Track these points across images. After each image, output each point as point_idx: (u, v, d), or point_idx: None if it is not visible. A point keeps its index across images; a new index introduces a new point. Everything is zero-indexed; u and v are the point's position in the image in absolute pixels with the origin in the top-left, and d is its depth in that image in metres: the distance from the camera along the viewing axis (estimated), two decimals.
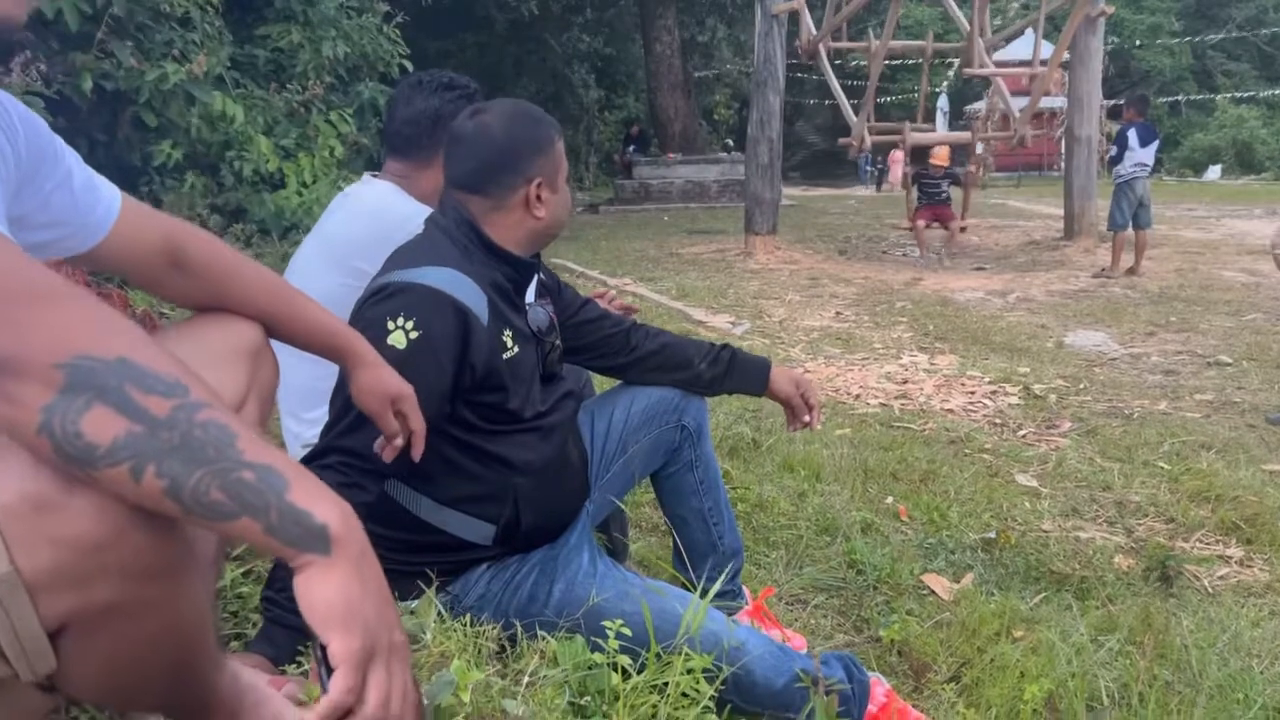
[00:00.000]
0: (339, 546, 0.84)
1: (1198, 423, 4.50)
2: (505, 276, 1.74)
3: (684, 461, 2.10)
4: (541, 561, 1.76)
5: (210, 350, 1.29)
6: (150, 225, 1.25)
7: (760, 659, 1.65)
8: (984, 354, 5.85)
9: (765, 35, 9.83)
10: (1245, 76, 30.72)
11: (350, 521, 0.87)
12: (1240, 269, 8.99)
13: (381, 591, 0.89)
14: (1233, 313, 7.08)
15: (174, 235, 1.27)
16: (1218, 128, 27.94)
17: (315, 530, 0.84)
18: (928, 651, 2.20)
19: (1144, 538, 3.25)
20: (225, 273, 1.31)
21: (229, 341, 1.31)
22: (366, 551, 0.88)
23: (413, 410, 1.47)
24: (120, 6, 5.55)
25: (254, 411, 1.34)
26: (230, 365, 1.30)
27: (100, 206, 1.20)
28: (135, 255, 1.25)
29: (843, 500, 3.38)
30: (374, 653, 0.85)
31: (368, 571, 0.87)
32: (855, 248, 11.28)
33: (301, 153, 7.01)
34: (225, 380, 1.29)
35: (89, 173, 1.20)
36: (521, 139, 1.73)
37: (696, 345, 2.15)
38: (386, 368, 1.45)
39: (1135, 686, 2.11)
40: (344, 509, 0.87)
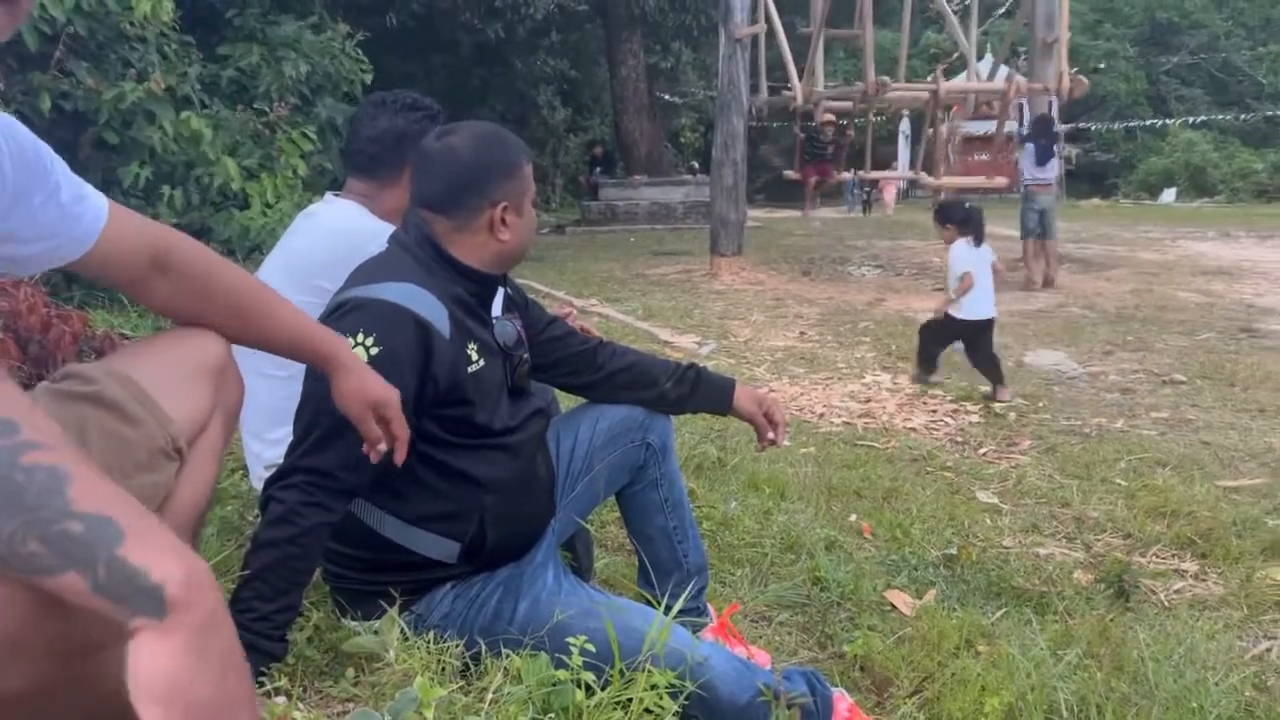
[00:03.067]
0: (176, 611, 0.74)
1: (1154, 440, 4.58)
2: (467, 291, 1.75)
3: (649, 479, 2.12)
4: (506, 580, 1.77)
5: (174, 368, 1.30)
6: (136, 232, 1.26)
7: (724, 675, 1.66)
8: (945, 373, 5.91)
9: (729, 59, 9.93)
10: (1198, 102, 31.35)
11: (197, 582, 0.77)
12: (1195, 290, 9.17)
13: (229, 667, 0.78)
14: (1187, 332, 7.22)
15: (159, 239, 1.28)
16: (1171, 151, 28.48)
17: (148, 590, 0.74)
18: (890, 666, 2.23)
19: (1102, 553, 3.30)
20: (207, 275, 1.32)
21: (193, 359, 1.32)
22: (215, 619, 0.77)
23: (396, 416, 1.48)
24: (80, 25, 5.52)
25: (218, 429, 1.34)
26: (194, 383, 1.31)
27: (88, 216, 1.21)
28: (122, 262, 1.25)
29: (807, 518, 3.41)
30: None
31: (212, 643, 0.76)
32: (819, 269, 11.37)
33: (264, 173, 6.99)
34: (189, 399, 1.30)
35: (76, 182, 1.21)
36: (489, 162, 1.75)
37: (663, 364, 2.17)
38: (370, 373, 1.46)
39: (1093, 699, 2.14)
40: (191, 568, 0.77)
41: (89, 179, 1.27)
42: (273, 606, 1.54)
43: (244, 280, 1.37)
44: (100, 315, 3.86)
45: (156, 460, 1.24)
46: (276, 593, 1.54)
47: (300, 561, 1.57)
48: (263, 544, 1.55)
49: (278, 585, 1.54)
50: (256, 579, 1.54)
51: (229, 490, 2.43)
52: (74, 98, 5.71)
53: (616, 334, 6.94)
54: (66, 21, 5.49)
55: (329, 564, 1.80)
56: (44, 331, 2.44)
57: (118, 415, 1.22)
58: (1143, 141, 30.54)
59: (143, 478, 1.23)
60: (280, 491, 1.58)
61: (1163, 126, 29.48)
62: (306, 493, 1.56)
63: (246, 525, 2.28)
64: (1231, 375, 5.81)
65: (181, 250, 1.30)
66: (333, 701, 1.44)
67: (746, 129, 10.57)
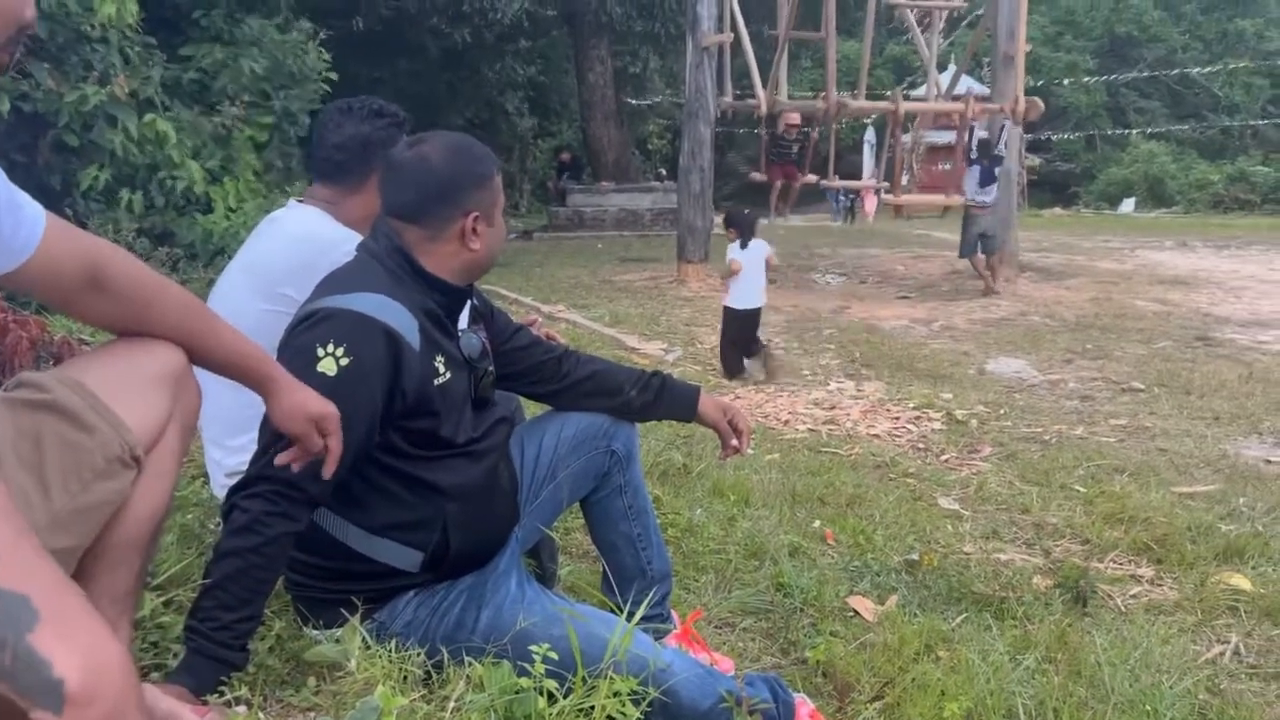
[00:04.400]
0: (74, 708, 0.70)
1: (1112, 447, 4.65)
2: (437, 303, 1.75)
3: (613, 486, 2.12)
4: (470, 588, 1.76)
5: (130, 376, 1.29)
6: (73, 247, 1.23)
7: (686, 681, 1.67)
8: (908, 380, 5.98)
9: (696, 67, 9.98)
10: (1156, 114, 31.92)
11: (100, 678, 0.72)
12: (1152, 299, 9.33)
13: None
14: (1145, 341, 7.34)
15: (96, 256, 1.25)
16: (1130, 162, 28.97)
17: (49, 684, 0.70)
18: (851, 672, 2.24)
19: (1060, 559, 3.35)
20: (146, 295, 1.30)
21: (151, 367, 1.30)
22: (118, 715, 0.72)
23: (335, 430, 1.47)
24: (41, 27, 5.45)
25: (176, 437, 1.33)
26: (151, 391, 1.29)
27: (24, 229, 1.17)
28: (57, 278, 1.22)
29: (771, 524, 3.42)
30: None
31: None
32: (785, 276, 11.42)
33: (227, 176, 6.93)
34: (146, 406, 1.28)
35: (12, 191, 1.16)
36: (461, 172, 1.75)
37: (627, 372, 2.18)
38: (306, 390, 1.45)
39: (1050, 703, 2.18)
40: (97, 661, 0.72)
41: (48, 182, 1.24)
42: (234, 616, 1.52)
43: (183, 299, 1.35)
44: (59, 321, 3.80)
45: (114, 468, 1.22)
46: (239, 602, 1.53)
47: (263, 571, 1.56)
48: (226, 553, 1.54)
49: (240, 595, 1.53)
50: (218, 588, 1.52)
51: (189, 498, 2.41)
52: (33, 99, 5.62)
53: (583, 341, 6.95)
54: None
55: (291, 572, 1.78)
56: (0, 337, 2.41)
57: (73, 423, 1.20)
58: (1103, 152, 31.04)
59: (100, 485, 1.22)
60: (245, 500, 1.57)
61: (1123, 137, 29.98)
62: (271, 502, 1.55)
63: (207, 534, 2.26)
64: (1188, 383, 5.92)
65: (119, 267, 1.27)
66: (294, 711, 1.43)
67: (714, 136, 10.63)
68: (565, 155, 22.67)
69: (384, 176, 1.77)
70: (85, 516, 1.19)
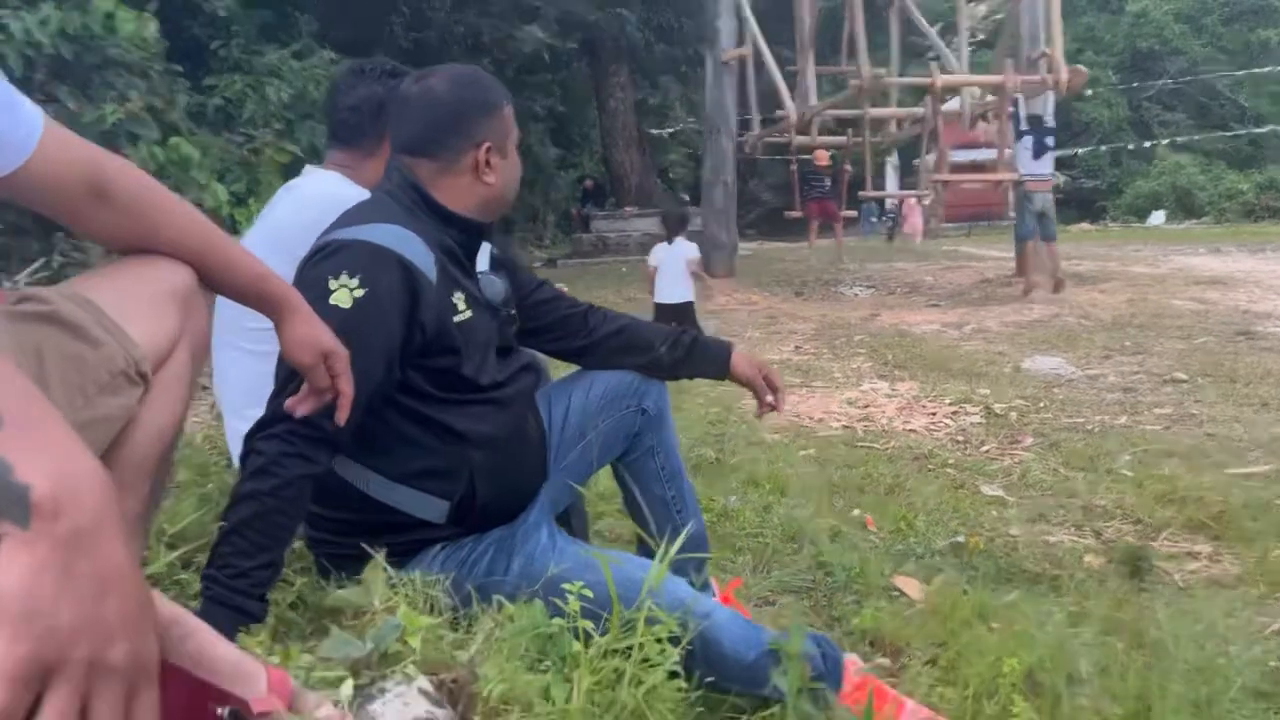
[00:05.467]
0: (41, 519, 0.62)
1: (1158, 434, 4.51)
2: (454, 240, 1.69)
3: (645, 448, 2.04)
4: (498, 540, 1.68)
5: (136, 292, 1.22)
6: (74, 152, 1.17)
7: (727, 628, 1.58)
8: (943, 379, 5.86)
9: (716, 83, 9.98)
10: (1181, 126, 31.66)
11: (72, 487, 0.64)
12: (1189, 298, 9.14)
13: (110, 591, 0.64)
14: (1184, 337, 7.18)
15: (99, 164, 1.19)
16: (1158, 175, 28.71)
17: (12, 493, 0.62)
18: (902, 637, 2.14)
19: (1112, 539, 3.22)
20: (153, 208, 1.23)
21: (158, 283, 1.24)
22: (93, 534, 0.64)
23: (344, 370, 1.38)
24: (66, 50, 5.50)
25: (185, 357, 1.26)
26: (159, 307, 1.23)
27: (22, 127, 1.11)
28: (57, 184, 1.16)
29: (808, 512, 3.32)
30: (56, 669, 0.59)
31: (84, 561, 0.63)
32: (812, 290, 11.35)
33: (253, 198, 6.96)
34: (153, 323, 1.22)
35: (9, 89, 1.11)
36: (469, 101, 1.69)
37: (656, 329, 2.10)
38: (320, 322, 1.37)
39: (1115, 668, 2.06)
40: (68, 470, 0.64)
41: None
42: (252, 563, 1.45)
43: (192, 215, 1.29)
44: None
45: (118, 383, 1.16)
46: (257, 548, 1.45)
47: (281, 515, 1.48)
48: (242, 497, 1.47)
49: (258, 541, 1.45)
50: (235, 533, 1.45)
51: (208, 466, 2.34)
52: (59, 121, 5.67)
53: None
54: (52, 45, 5.47)
55: (313, 529, 1.71)
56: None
57: (77, 336, 1.14)
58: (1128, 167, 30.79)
59: (105, 400, 1.15)
60: (261, 442, 1.50)
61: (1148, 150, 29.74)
62: (288, 442, 1.48)
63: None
64: (1232, 373, 5.75)
65: (123, 177, 1.21)
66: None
67: (736, 151, 10.60)
68: (589, 182, 22.76)
69: (392, 113, 1.72)
70: (89, 433, 1.12)
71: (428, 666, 1.09)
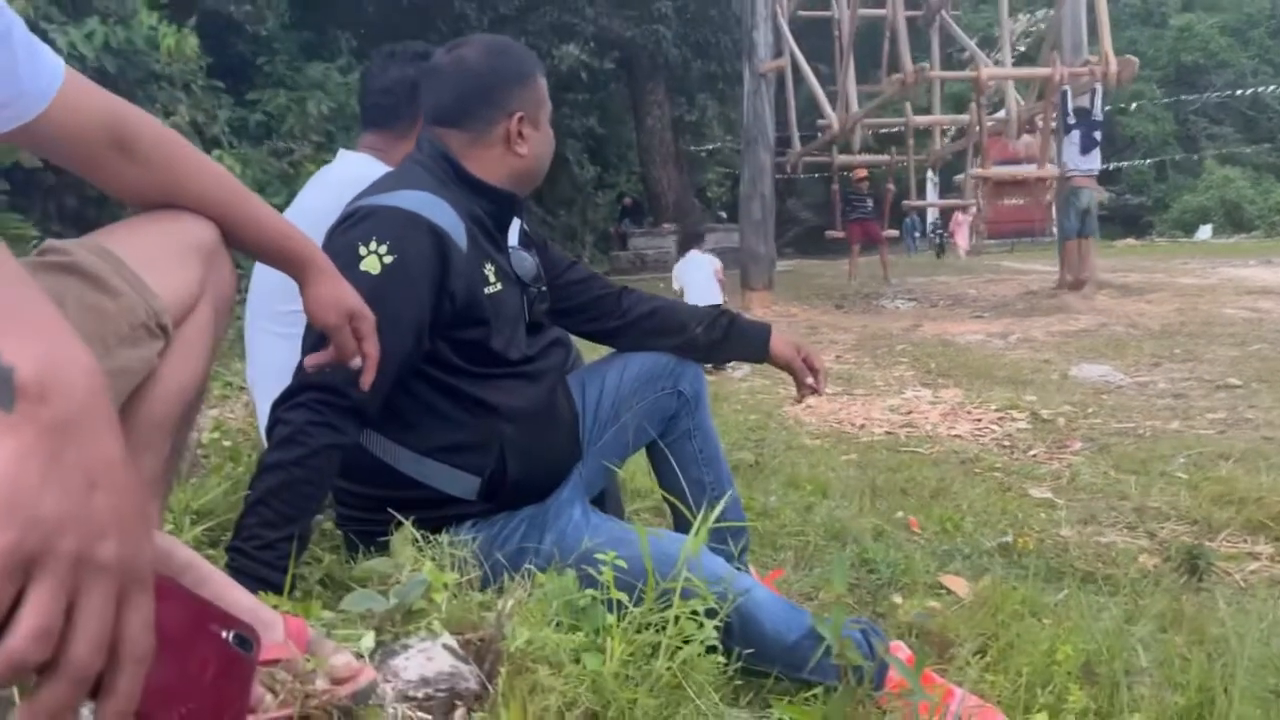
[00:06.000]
0: (27, 402, 0.57)
1: (1212, 438, 4.37)
2: (485, 210, 1.65)
3: (681, 430, 1.98)
4: (530, 516, 1.64)
5: (159, 244, 1.20)
6: (96, 101, 1.15)
7: (767, 607, 1.52)
8: (988, 386, 5.74)
9: (754, 94, 9.94)
10: (1229, 139, 31.16)
11: (64, 374, 0.59)
12: (1241, 307, 8.92)
13: (98, 484, 0.59)
14: (1237, 344, 6.99)
15: (120, 115, 1.17)
16: (1205, 189, 28.25)
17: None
18: (949, 629, 2.06)
19: (1167, 540, 3.11)
20: (177, 161, 1.21)
21: (180, 237, 1.21)
22: (80, 420, 0.59)
23: (370, 333, 1.34)
24: (110, 63, 5.59)
25: (208, 313, 1.23)
26: (181, 261, 1.20)
27: (44, 73, 1.09)
28: (78, 134, 1.13)
29: (851, 513, 3.24)
30: (39, 561, 0.55)
31: (72, 450, 0.58)
32: (852, 303, 11.24)
33: None
34: (175, 276, 1.19)
35: (30, 36, 1.09)
36: (501, 70, 1.66)
37: (692, 309, 2.06)
38: (345, 282, 1.33)
39: (1175, 661, 1.97)
40: (57, 354, 0.59)
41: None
42: (278, 534, 1.41)
43: (216, 170, 1.26)
44: None
45: (139, 335, 1.13)
46: (282, 519, 1.41)
47: (308, 485, 1.44)
48: (269, 466, 1.43)
49: (284, 511, 1.42)
50: (261, 503, 1.42)
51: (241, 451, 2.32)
52: None
53: None
54: (96, 60, 5.55)
55: (341, 506, 1.68)
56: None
57: (96, 286, 1.11)
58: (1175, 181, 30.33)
59: (124, 351, 1.12)
60: (287, 412, 1.47)
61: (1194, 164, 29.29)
62: (315, 411, 1.45)
63: None
64: None
65: (145, 128, 1.18)
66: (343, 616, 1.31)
67: (774, 167, 10.55)
68: (627, 200, 22.81)
69: (423, 84, 1.69)
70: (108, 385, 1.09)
71: (454, 626, 1.04)
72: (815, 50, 13.97)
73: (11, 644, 0.52)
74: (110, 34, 5.51)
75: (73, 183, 5.60)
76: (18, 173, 4.81)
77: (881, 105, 10.27)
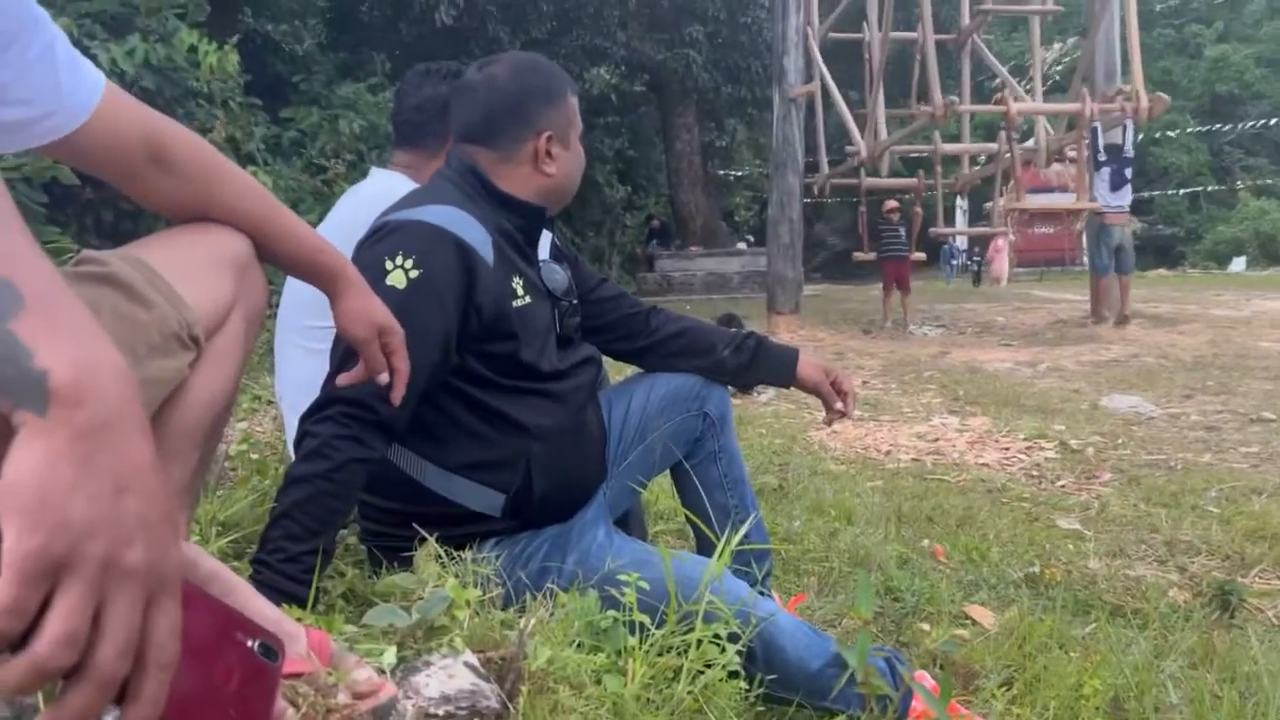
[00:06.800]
0: (60, 406, 0.57)
1: (1245, 472, 4.31)
2: (514, 225, 1.66)
3: (706, 452, 1.97)
4: (554, 535, 1.63)
5: (192, 256, 1.21)
6: (133, 114, 1.17)
7: (791, 633, 1.50)
8: (1016, 415, 5.69)
9: (783, 119, 9.96)
10: (1264, 171, 30.87)
11: (98, 378, 0.59)
12: (1276, 340, 8.81)
13: (128, 489, 0.59)
14: (1272, 377, 6.90)
15: (157, 128, 1.18)
16: (1239, 220, 28.00)
17: (31, 377, 0.57)
18: (975, 659, 2.03)
19: (1199, 574, 3.05)
20: (212, 174, 1.22)
21: (213, 250, 1.23)
22: (114, 427, 0.59)
23: (400, 348, 1.34)
24: (150, 81, 5.68)
25: (238, 327, 1.24)
26: (214, 273, 1.21)
27: (84, 87, 1.11)
28: (116, 146, 1.15)
29: (875, 540, 3.21)
30: (68, 565, 0.55)
31: (103, 454, 0.58)
32: (879, 328, 11.19)
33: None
34: (208, 288, 1.20)
35: (72, 50, 1.11)
36: (531, 89, 1.67)
37: (720, 331, 2.05)
38: (375, 297, 1.34)
39: (1205, 699, 1.93)
40: (91, 358, 0.60)
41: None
42: (302, 547, 1.41)
43: (250, 184, 1.27)
44: None
45: (170, 345, 1.14)
46: (307, 532, 1.42)
47: (333, 500, 1.45)
48: (295, 479, 1.44)
49: (309, 524, 1.42)
50: (286, 516, 1.42)
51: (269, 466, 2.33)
52: None
53: None
54: (136, 76, 5.64)
55: (366, 520, 1.68)
56: None
57: (130, 296, 1.13)
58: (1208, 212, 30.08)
59: (156, 362, 1.13)
60: (315, 425, 1.47)
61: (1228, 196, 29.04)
62: (342, 424, 1.45)
63: None
64: None
65: (182, 142, 1.20)
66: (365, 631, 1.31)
67: (803, 191, 10.55)
68: (655, 222, 22.88)
69: (453, 101, 1.70)
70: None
71: (476, 644, 1.04)
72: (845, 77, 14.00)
73: (38, 648, 0.52)
74: (151, 51, 5.61)
75: (110, 197, 5.68)
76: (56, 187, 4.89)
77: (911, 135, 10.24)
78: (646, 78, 19.21)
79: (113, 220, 5.81)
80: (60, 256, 4.00)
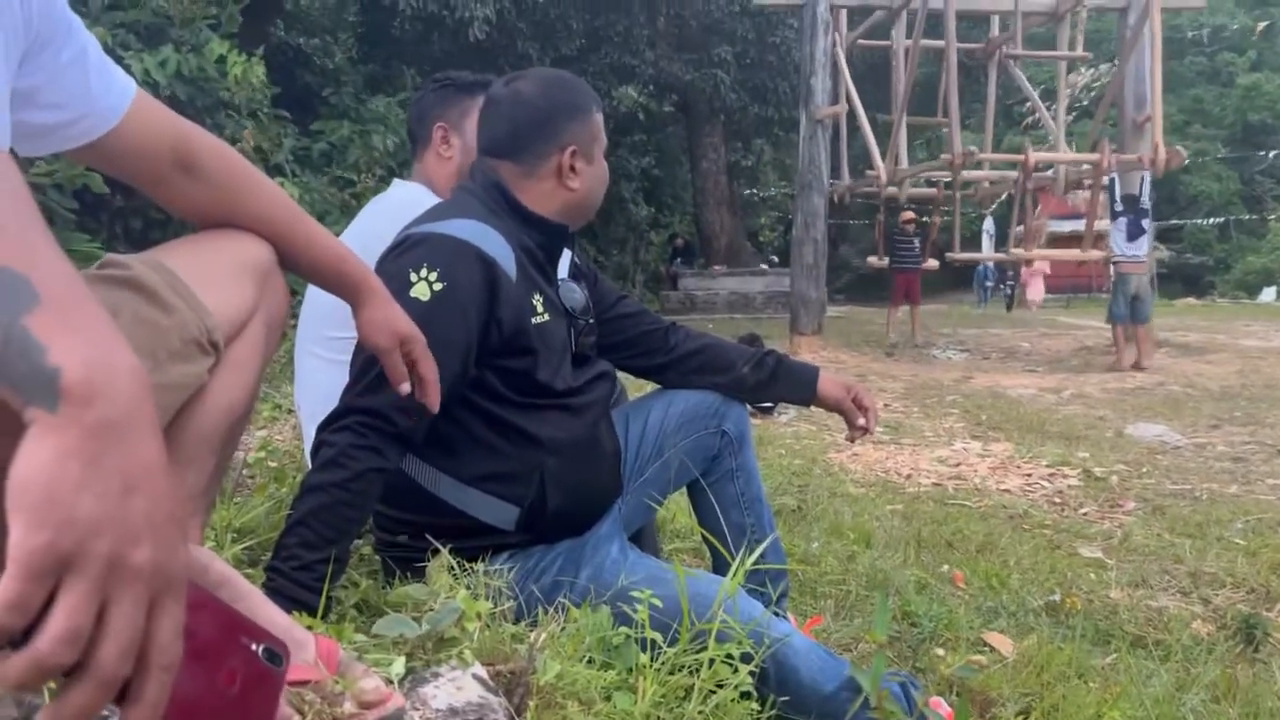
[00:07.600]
0: (71, 404, 0.57)
1: (1272, 504, 4.24)
2: (535, 242, 1.66)
3: (724, 471, 1.96)
4: (568, 550, 1.63)
5: (214, 262, 1.21)
6: (162, 121, 1.18)
7: (805, 656, 1.49)
8: (1039, 441, 5.64)
9: (809, 139, 9.96)
10: None
11: (110, 377, 0.59)
12: None
13: (136, 489, 0.58)
14: None
15: (185, 135, 1.19)
16: (1270, 250, 27.71)
17: (42, 375, 0.57)
18: (992, 686, 2.00)
19: (1222, 607, 3.01)
20: (238, 181, 1.23)
21: (235, 256, 1.23)
22: (125, 427, 0.59)
23: (424, 355, 1.34)
24: (181, 91, 5.75)
25: (258, 335, 1.25)
26: (235, 279, 1.22)
27: (114, 92, 1.12)
28: (144, 151, 1.16)
29: (894, 563, 3.19)
30: (74, 562, 0.54)
31: (113, 454, 0.58)
32: (902, 351, 11.14)
33: None
34: (229, 294, 1.21)
35: (103, 55, 1.13)
36: (556, 104, 1.67)
37: (739, 349, 2.04)
38: (398, 307, 1.34)
39: None
40: (104, 357, 0.59)
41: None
42: (316, 556, 1.41)
43: (275, 192, 1.28)
44: None
45: (190, 350, 1.14)
46: (322, 540, 1.42)
47: (349, 509, 1.45)
48: (311, 488, 1.44)
49: (323, 533, 1.42)
50: (301, 524, 1.42)
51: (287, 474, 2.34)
52: None
53: None
54: (168, 86, 5.71)
55: (380, 530, 1.68)
56: None
57: (151, 301, 1.13)
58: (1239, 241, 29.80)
59: (174, 367, 1.13)
60: (332, 435, 1.48)
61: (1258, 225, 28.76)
62: (359, 434, 1.46)
63: None
64: None
65: (209, 149, 1.21)
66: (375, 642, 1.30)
67: (827, 209, 10.53)
68: (680, 240, 22.89)
69: (480, 115, 1.71)
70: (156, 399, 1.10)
71: (485, 656, 1.03)
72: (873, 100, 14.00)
73: (40, 645, 0.52)
74: (183, 61, 5.68)
75: (140, 205, 5.74)
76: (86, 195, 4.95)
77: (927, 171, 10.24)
78: (674, 97, 19.26)
79: (141, 228, 5.88)
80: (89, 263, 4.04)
